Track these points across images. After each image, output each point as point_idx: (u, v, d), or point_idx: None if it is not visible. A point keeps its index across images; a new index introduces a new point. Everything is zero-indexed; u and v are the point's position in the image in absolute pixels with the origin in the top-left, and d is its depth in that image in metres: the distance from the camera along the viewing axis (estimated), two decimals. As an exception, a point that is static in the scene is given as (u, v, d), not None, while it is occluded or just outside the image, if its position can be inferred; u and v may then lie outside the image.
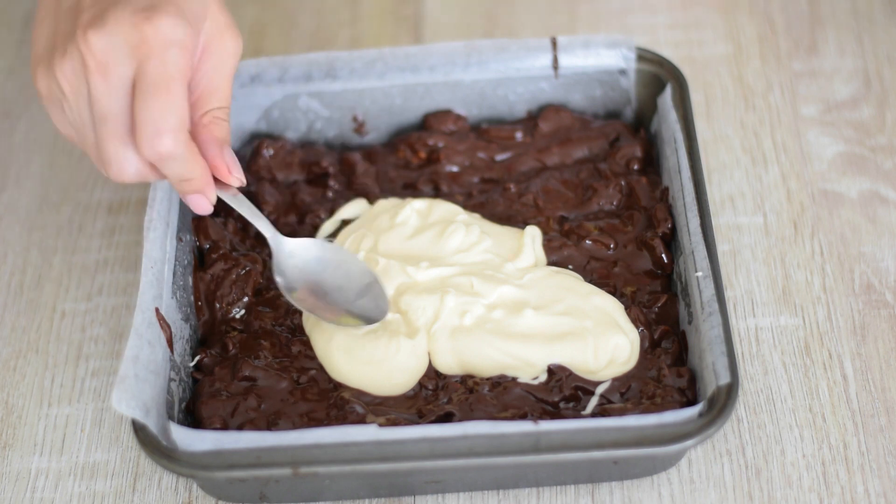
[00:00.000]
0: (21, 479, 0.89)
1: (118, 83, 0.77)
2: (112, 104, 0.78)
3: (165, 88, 0.77)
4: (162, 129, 0.77)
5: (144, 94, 0.77)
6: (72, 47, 0.77)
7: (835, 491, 0.85)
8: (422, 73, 0.99)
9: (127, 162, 0.79)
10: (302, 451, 0.80)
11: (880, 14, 1.11)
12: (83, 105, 0.79)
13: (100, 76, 0.77)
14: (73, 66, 0.78)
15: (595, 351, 0.87)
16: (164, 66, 0.77)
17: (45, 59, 0.79)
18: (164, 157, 0.78)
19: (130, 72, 0.77)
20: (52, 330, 0.96)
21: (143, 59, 0.77)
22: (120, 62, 0.77)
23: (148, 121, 0.77)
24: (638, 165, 0.98)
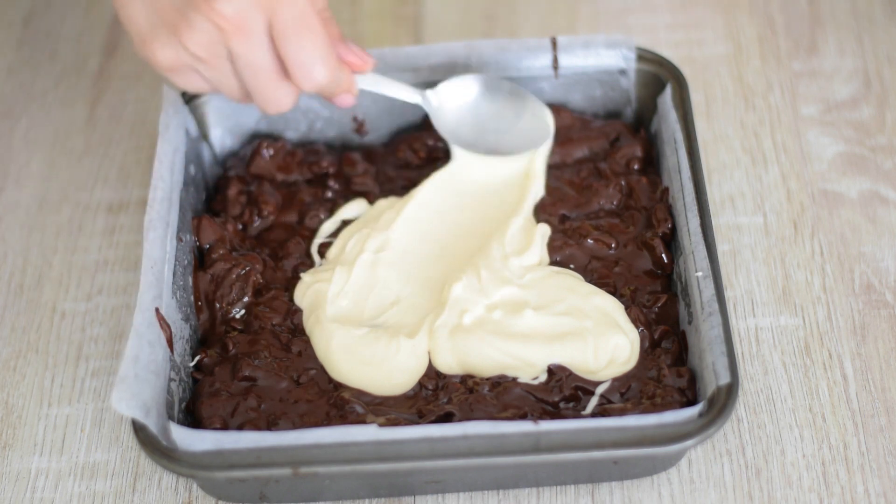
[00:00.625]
0: (21, 479, 0.89)
1: (258, 37, 0.83)
2: (258, 56, 0.83)
3: (304, 26, 0.83)
4: (314, 64, 0.84)
5: (288, 38, 0.83)
6: (198, 18, 0.82)
7: (835, 491, 0.85)
8: (422, 73, 0.99)
9: (285, 97, 0.86)
10: (302, 451, 0.80)
11: (880, 14, 1.11)
12: (224, 64, 0.84)
13: (240, 37, 0.82)
14: (207, 34, 0.82)
15: (595, 351, 0.87)
16: (294, 8, 0.82)
17: (160, 34, 0.83)
18: (321, 85, 0.85)
19: (265, 23, 0.82)
20: (52, 330, 0.96)
21: (274, 8, 0.82)
22: (254, 19, 0.82)
23: (300, 61, 0.84)
24: (638, 165, 0.98)
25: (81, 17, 1.17)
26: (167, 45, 0.84)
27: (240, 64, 0.84)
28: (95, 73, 1.13)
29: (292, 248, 0.95)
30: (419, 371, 0.88)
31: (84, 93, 1.11)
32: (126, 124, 1.09)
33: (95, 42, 1.15)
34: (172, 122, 0.96)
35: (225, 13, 0.81)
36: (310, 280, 0.92)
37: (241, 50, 0.83)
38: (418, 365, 0.88)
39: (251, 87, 0.85)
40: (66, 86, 1.12)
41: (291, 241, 0.95)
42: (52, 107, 1.11)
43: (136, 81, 1.12)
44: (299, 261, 0.95)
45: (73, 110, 1.10)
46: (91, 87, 1.12)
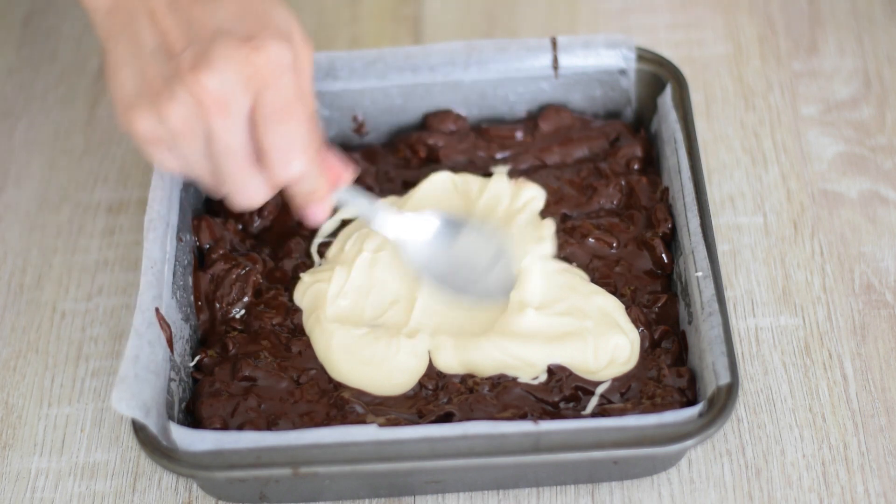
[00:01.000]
0: (21, 479, 0.89)
1: (238, 118, 0.77)
2: (235, 139, 0.78)
3: (288, 114, 0.78)
4: (291, 154, 0.78)
5: (268, 124, 0.77)
6: (181, 90, 0.76)
7: (835, 491, 0.85)
8: (422, 73, 0.99)
9: (256, 189, 0.80)
10: (302, 451, 0.80)
11: (880, 14, 1.11)
12: (199, 143, 0.78)
13: (220, 115, 0.77)
14: (187, 107, 0.77)
15: (595, 351, 0.87)
16: (281, 93, 0.77)
17: (142, 103, 0.78)
18: (296, 179, 0.80)
19: (248, 104, 0.77)
20: (52, 330, 0.96)
21: (260, 90, 0.77)
22: (237, 98, 0.77)
23: (277, 148, 0.78)
24: (638, 165, 0.98)
25: (81, 17, 1.17)
26: (146, 116, 0.78)
27: (215, 145, 0.78)
28: (95, 73, 1.13)
29: (292, 248, 0.95)
30: (419, 371, 0.88)
31: (84, 93, 1.11)
32: (126, 124, 1.09)
33: (95, 42, 1.15)
34: (172, 123, 0.95)
35: (208, 87, 0.76)
36: (310, 280, 0.92)
37: (217, 128, 0.77)
38: (418, 365, 0.88)
39: (223, 171, 0.79)
40: (66, 86, 1.12)
41: (291, 241, 0.95)
42: (52, 107, 1.11)
43: (136, 81, 1.12)
44: (299, 261, 0.95)
45: (73, 110, 1.10)
46: (91, 87, 1.12)
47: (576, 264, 0.93)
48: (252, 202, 0.81)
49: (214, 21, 0.78)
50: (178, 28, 0.78)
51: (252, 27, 0.78)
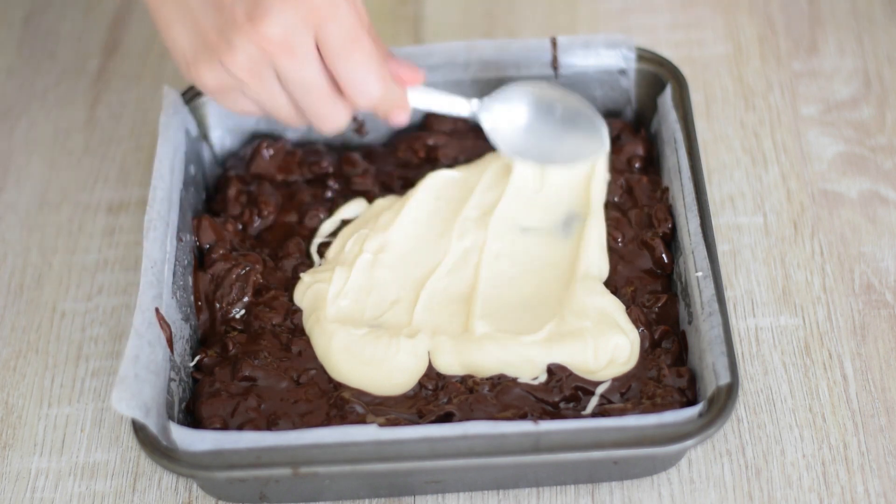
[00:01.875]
0: (21, 479, 0.89)
1: (307, 56, 0.82)
2: (309, 75, 0.82)
3: (354, 43, 0.82)
4: (367, 80, 0.83)
5: (339, 55, 0.82)
6: (240, 40, 0.81)
7: (835, 491, 0.85)
8: (422, 73, 0.99)
9: (340, 115, 0.85)
10: (302, 451, 0.80)
11: (880, 14, 1.11)
12: (271, 84, 0.83)
13: (288, 57, 0.81)
14: (248, 55, 0.81)
15: (595, 351, 0.87)
16: (342, 24, 0.81)
17: (203, 57, 0.83)
18: (374, 98, 0.84)
19: (312, 41, 0.81)
20: (52, 330, 0.96)
21: (320, 25, 0.81)
22: (300, 37, 0.81)
23: (353, 79, 0.83)
24: (639, 164, 0.98)
25: (81, 17, 1.17)
26: (210, 69, 0.83)
27: (290, 84, 0.83)
28: (95, 73, 1.13)
29: (292, 248, 0.95)
30: (419, 371, 0.88)
31: (84, 93, 1.11)
32: (126, 124, 1.09)
33: (95, 42, 1.15)
34: (172, 122, 0.96)
35: (269, 35, 0.80)
36: (310, 280, 0.92)
37: (290, 70, 0.82)
38: (418, 365, 0.88)
39: (305, 106, 0.85)
40: (66, 86, 1.12)
41: (291, 241, 0.95)
42: (52, 107, 1.11)
43: (136, 81, 1.12)
44: (299, 261, 0.95)
45: (73, 110, 1.10)
46: (91, 87, 1.12)
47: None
48: (338, 126, 0.86)
49: None
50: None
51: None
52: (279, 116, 0.86)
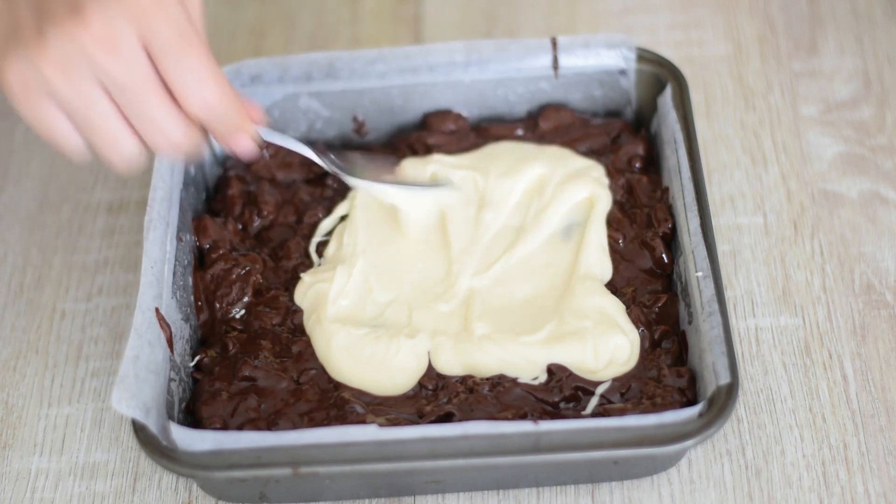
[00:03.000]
0: (21, 479, 0.89)
1: (131, 51, 0.73)
2: (134, 73, 0.74)
3: (185, 41, 0.74)
4: (202, 81, 0.75)
5: (168, 55, 0.74)
6: (54, 31, 0.72)
7: (835, 491, 0.85)
8: (422, 73, 0.99)
9: (174, 125, 0.76)
10: (302, 451, 0.80)
11: (880, 14, 1.11)
12: (87, 86, 0.74)
13: (109, 53, 0.73)
14: (62, 50, 0.72)
15: (595, 351, 0.87)
16: (172, 23, 0.74)
17: (8, 48, 0.73)
18: (212, 106, 0.76)
19: (137, 38, 0.73)
20: (52, 330, 0.96)
21: (148, 23, 0.73)
22: (124, 33, 0.73)
23: (185, 78, 0.75)
24: (640, 164, 0.98)
25: (81, 17, 1.17)
26: (16, 62, 0.73)
27: (114, 88, 0.73)
28: (95, 73, 1.12)
29: (292, 247, 0.95)
30: (419, 371, 0.88)
31: (84, 93, 1.11)
32: (126, 124, 1.09)
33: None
34: (172, 122, 0.95)
35: (89, 28, 0.72)
36: (310, 280, 0.92)
37: (112, 68, 0.73)
38: (418, 365, 0.88)
39: (132, 114, 0.75)
40: (66, 86, 1.12)
41: (291, 241, 0.95)
42: (52, 107, 1.10)
43: (136, 81, 1.11)
44: (299, 261, 0.95)
45: (73, 110, 1.10)
46: (91, 87, 1.11)
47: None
48: (174, 141, 0.77)
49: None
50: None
51: None
52: (94, 132, 0.75)
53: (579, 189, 0.95)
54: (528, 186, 0.96)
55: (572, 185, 0.95)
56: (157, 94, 0.75)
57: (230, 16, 1.16)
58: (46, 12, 0.73)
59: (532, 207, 0.95)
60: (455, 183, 0.94)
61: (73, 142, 0.76)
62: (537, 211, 0.95)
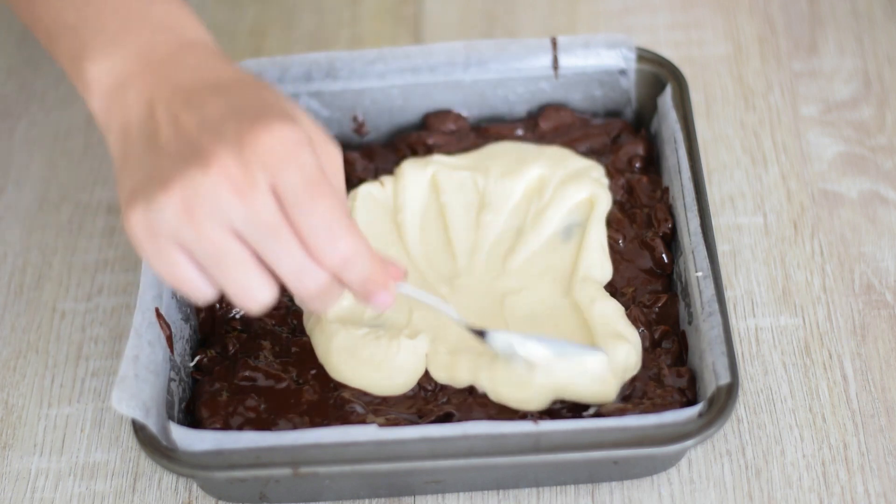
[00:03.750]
0: (21, 479, 0.89)
1: (264, 196, 0.70)
2: (272, 217, 0.71)
3: (318, 190, 0.71)
4: (336, 231, 0.72)
5: (300, 203, 0.71)
6: (180, 175, 0.70)
7: (835, 491, 0.85)
8: (422, 74, 0.99)
9: (310, 276, 0.73)
10: (302, 451, 0.80)
11: (880, 14, 1.11)
12: (221, 233, 0.71)
13: (242, 197, 0.70)
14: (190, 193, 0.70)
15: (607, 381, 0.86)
16: (304, 170, 0.71)
17: (135, 195, 0.71)
18: (348, 257, 0.73)
19: (268, 185, 0.71)
20: (52, 330, 0.96)
21: (279, 170, 0.70)
22: (257, 177, 0.70)
23: (318, 228, 0.71)
24: (640, 164, 0.98)
25: (81, 17, 1.17)
26: (141, 204, 0.70)
27: (248, 230, 0.70)
28: (95, 73, 1.12)
29: (292, 248, 0.95)
30: (419, 371, 0.88)
31: (84, 93, 1.11)
32: (126, 124, 1.09)
33: (95, 42, 1.15)
34: (172, 123, 0.95)
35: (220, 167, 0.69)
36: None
37: (245, 210, 0.70)
38: (418, 365, 0.88)
39: (270, 259, 0.71)
40: (66, 86, 1.12)
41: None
42: (52, 107, 1.11)
43: (136, 81, 1.11)
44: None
45: (72, 110, 1.10)
46: (91, 87, 1.11)
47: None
48: (311, 291, 0.74)
49: (219, 110, 0.72)
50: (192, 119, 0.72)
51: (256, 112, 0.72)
52: (226, 278, 0.72)
53: (579, 189, 0.95)
54: (528, 187, 0.96)
55: (572, 186, 0.95)
56: (291, 239, 0.72)
57: (230, 16, 1.16)
58: (178, 159, 0.71)
59: (532, 208, 0.95)
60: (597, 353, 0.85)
61: (202, 289, 0.73)
62: (537, 212, 0.94)
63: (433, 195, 0.97)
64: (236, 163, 0.70)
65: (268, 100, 0.74)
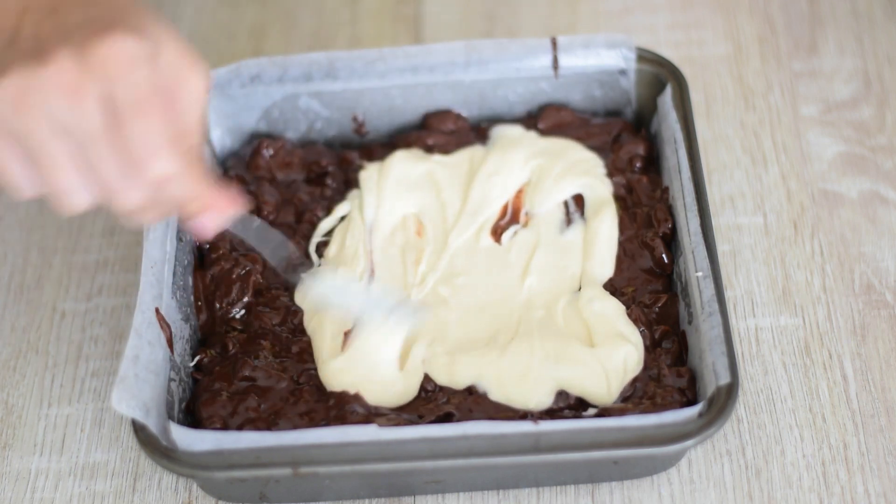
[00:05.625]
0: (21, 479, 0.89)
1: (92, 104, 0.71)
2: (94, 124, 0.71)
3: (145, 107, 0.72)
4: (153, 150, 0.72)
5: (124, 118, 0.72)
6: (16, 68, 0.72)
7: (835, 491, 0.85)
8: (422, 73, 0.99)
9: (126, 190, 0.73)
10: (302, 451, 0.80)
11: (880, 14, 1.11)
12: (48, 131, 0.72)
13: (69, 98, 0.71)
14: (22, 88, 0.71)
15: (608, 384, 0.86)
16: (135, 85, 0.72)
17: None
18: (163, 178, 0.73)
19: (99, 93, 0.71)
20: (52, 330, 0.96)
21: (111, 81, 0.71)
22: (87, 84, 0.71)
23: (136, 144, 0.72)
24: (640, 164, 0.98)
25: (81, 17, 1.17)
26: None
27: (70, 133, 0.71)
28: (95, 73, 1.12)
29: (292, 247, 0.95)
30: (418, 378, 0.87)
31: (84, 93, 1.11)
32: (126, 124, 1.09)
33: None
34: (172, 122, 0.95)
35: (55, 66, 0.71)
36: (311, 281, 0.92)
37: (69, 112, 0.71)
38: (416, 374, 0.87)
39: (89, 166, 0.72)
40: (66, 86, 1.12)
41: (291, 241, 0.95)
42: (52, 107, 1.10)
43: (136, 81, 1.11)
44: (300, 261, 0.94)
45: (73, 110, 1.10)
46: (91, 87, 1.11)
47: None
48: (126, 205, 0.74)
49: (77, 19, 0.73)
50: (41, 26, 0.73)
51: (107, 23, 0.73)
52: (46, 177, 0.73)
53: (579, 183, 0.95)
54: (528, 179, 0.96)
55: (572, 179, 0.95)
56: (111, 150, 0.72)
57: (230, 16, 1.16)
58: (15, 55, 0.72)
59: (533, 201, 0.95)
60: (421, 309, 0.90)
61: (22, 183, 0.74)
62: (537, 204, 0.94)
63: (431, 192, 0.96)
64: (73, 66, 0.71)
65: (126, 14, 0.74)
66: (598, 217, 0.93)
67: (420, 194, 0.96)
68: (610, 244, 0.92)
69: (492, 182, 0.96)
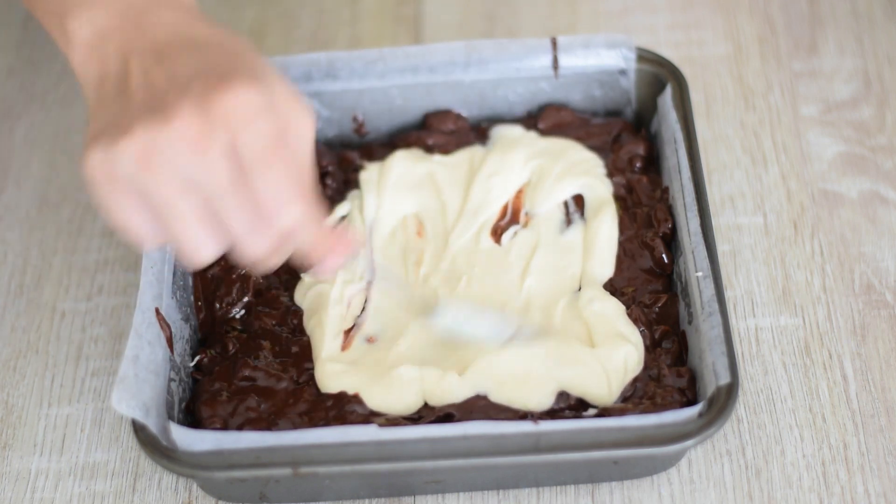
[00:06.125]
0: (21, 479, 0.89)
1: (219, 156, 0.71)
2: (224, 177, 0.71)
3: (274, 155, 0.72)
4: (286, 196, 0.72)
5: (254, 167, 0.71)
6: (142, 125, 0.71)
7: (835, 491, 0.85)
8: (422, 74, 0.99)
9: (257, 238, 0.73)
10: (302, 451, 0.80)
11: (880, 14, 1.11)
12: (176, 186, 0.71)
13: (197, 153, 0.71)
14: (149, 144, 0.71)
15: (609, 384, 0.86)
16: (261, 134, 0.71)
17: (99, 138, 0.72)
18: (295, 223, 0.73)
19: (227, 145, 0.71)
20: (52, 330, 0.96)
21: (237, 132, 0.71)
22: (216, 136, 0.71)
23: (269, 192, 0.72)
24: (640, 164, 0.98)
25: (81, 17, 1.17)
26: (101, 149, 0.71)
27: (199, 187, 0.71)
28: (95, 73, 1.12)
29: (292, 247, 0.95)
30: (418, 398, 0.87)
31: (84, 93, 1.11)
32: (126, 124, 1.09)
33: (95, 42, 1.15)
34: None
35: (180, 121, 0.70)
36: (311, 281, 0.92)
37: (198, 166, 0.71)
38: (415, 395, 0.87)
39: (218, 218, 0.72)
40: (66, 86, 1.12)
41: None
42: (52, 107, 1.11)
43: (136, 81, 1.11)
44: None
45: (73, 110, 1.10)
46: (91, 87, 1.11)
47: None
48: (255, 254, 0.74)
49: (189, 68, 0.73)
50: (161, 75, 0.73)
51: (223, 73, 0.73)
52: (173, 231, 0.73)
53: (579, 183, 0.95)
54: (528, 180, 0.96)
55: (572, 179, 0.95)
56: (243, 200, 0.72)
57: (230, 16, 1.16)
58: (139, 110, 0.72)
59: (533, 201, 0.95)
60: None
61: (148, 237, 0.74)
62: (537, 204, 0.94)
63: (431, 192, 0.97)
64: (197, 120, 0.71)
65: (238, 61, 0.74)
66: (598, 217, 0.93)
67: (420, 194, 0.96)
68: (610, 244, 0.92)
69: (492, 182, 0.96)
